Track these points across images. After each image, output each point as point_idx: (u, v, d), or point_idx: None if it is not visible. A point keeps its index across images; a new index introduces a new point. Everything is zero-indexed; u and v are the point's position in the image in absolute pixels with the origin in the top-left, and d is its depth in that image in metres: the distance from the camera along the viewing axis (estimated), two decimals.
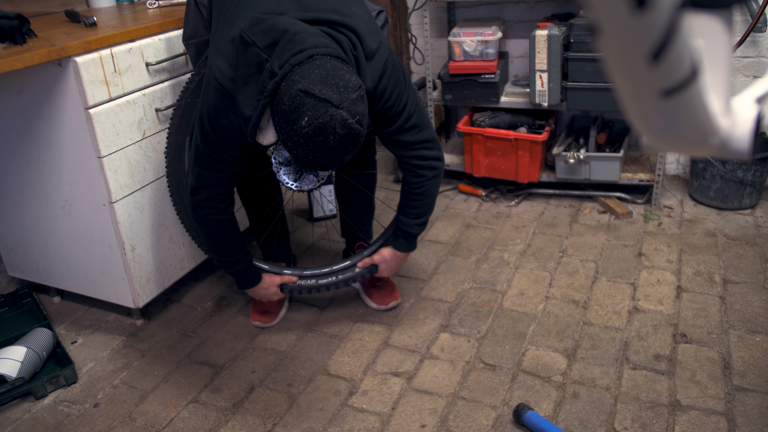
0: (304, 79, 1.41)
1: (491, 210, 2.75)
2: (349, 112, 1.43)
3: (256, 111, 1.48)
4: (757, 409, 1.62)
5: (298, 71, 1.42)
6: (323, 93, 1.40)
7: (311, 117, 1.41)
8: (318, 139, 1.43)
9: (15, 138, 1.96)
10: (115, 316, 2.20)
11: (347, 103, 1.43)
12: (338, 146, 1.45)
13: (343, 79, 1.44)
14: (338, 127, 1.42)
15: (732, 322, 1.94)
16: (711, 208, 2.61)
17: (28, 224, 2.12)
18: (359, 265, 2.00)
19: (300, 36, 1.46)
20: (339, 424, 1.68)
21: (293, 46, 1.45)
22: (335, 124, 1.42)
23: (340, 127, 1.42)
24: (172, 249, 2.15)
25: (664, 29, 0.56)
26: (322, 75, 1.42)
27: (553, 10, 2.79)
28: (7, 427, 1.74)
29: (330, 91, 1.41)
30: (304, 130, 1.42)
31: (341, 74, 1.44)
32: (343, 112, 1.42)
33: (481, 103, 2.75)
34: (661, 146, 0.77)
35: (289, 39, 1.46)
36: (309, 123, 1.41)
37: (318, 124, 1.41)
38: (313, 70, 1.42)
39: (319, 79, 1.41)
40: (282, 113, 1.44)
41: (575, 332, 1.95)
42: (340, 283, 2.01)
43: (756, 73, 2.61)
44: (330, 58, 1.46)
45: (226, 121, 1.57)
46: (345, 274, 2.01)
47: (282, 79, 1.44)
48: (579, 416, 1.64)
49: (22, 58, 1.60)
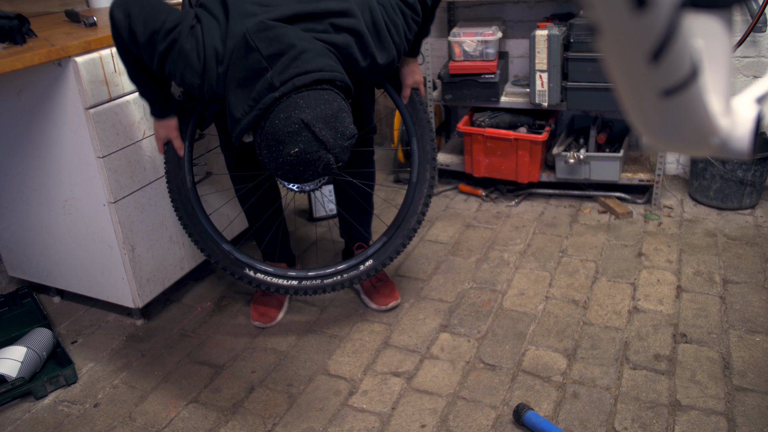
0: (309, 110, 1.42)
1: (491, 210, 2.75)
2: (336, 157, 1.46)
3: (247, 118, 1.47)
4: (757, 409, 1.62)
5: (305, 96, 1.42)
6: (322, 134, 1.42)
7: (301, 150, 1.42)
8: (297, 168, 1.45)
9: (15, 138, 1.96)
10: (115, 316, 2.20)
11: (339, 149, 1.46)
12: (309, 178, 1.49)
13: (342, 125, 1.46)
14: (321, 167, 1.45)
15: (732, 322, 1.94)
16: (711, 208, 2.61)
17: (28, 224, 2.12)
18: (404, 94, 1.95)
19: (306, 55, 1.46)
20: (339, 424, 1.68)
21: (298, 65, 1.44)
22: (320, 164, 1.45)
23: (322, 168, 1.46)
24: (172, 249, 2.15)
25: (664, 29, 0.56)
26: (327, 114, 1.43)
27: (553, 10, 2.79)
28: (7, 427, 1.75)
29: (329, 134, 1.43)
30: (289, 157, 1.43)
31: (343, 118, 1.46)
32: (332, 157, 1.45)
33: (481, 103, 2.75)
34: (661, 146, 0.77)
35: (294, 56, 1.45)
36: (297, 154, 1.43)
37: (305, 159, 1.43)
38: (320, 104, 1.43)
39: (323, 117, 1.42)
40: (273, 128, 1.43)
41: (575, 332, 1.95)
42: (345, 282, 1.98)
43: (756, 73, 2.61)
44: (337, 95, 1.47)
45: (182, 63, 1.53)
46: (350, 273, 1.98)
47: (282, 97, 1.43)
48: (579, 416, 1.64)
49: (22, 58, 1.60)
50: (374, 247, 1.97)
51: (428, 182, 1.95)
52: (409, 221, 1.95)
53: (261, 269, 1.95)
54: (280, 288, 1.95)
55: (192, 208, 1.93)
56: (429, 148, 1.95)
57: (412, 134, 1.95)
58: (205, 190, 2.21)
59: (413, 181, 1.96)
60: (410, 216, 1.95)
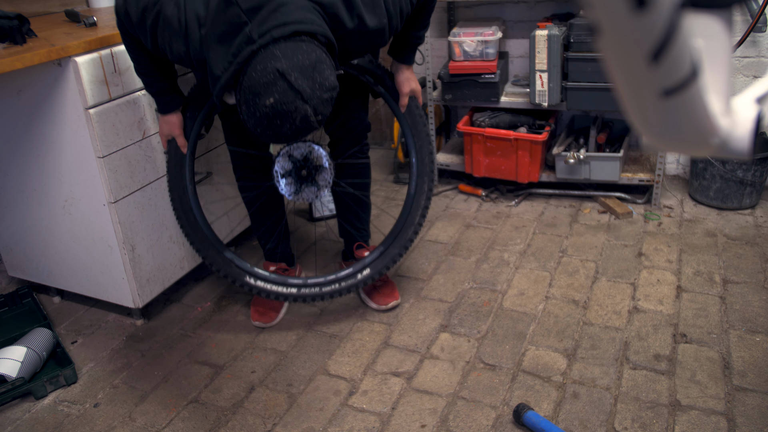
0: (285, 59, 1.38)
1: (491, 210, 2.75)
2: (314, 109, 1.41)
3: (226, 74, 1.45)
4: (757, 409, 1.62)
5: (282, 47, 1.39)
6: (298, 83, 1.38)
7: (277, 101, 1.38)
8: (274, 122, 1.41)
9: (15, 138, 1.96)
10: (115, 316, 2.20)
11: (317, 101, 1.41)
12: (290, 134, 1.44)
13: (322, 75, 1.41)
14: (299, 120, 1.41)
15: (732, 322, 1.94)
16: (711, 208, 2.61)
17: (28, 224, 2.12)
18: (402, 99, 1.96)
19: (286, 8, 1.42)
20: (339, 424, 1.68)
21: (277, 17, 1.40)
22: (297, 117, 1.40)
23: (300, 121, 1.41)
24: (172, 249, 2.15)
25: (664, 29, 0.56)
26: (304, 64, 1.39)
27: (553, 10, 2.79)
28: (7, 427, 1.74)
29: (305, 84, 1.38)
30: (265, 109, 1.39)
31: (322, 69, 1.42)
32: (309, 108, 1.40)
33: (481, 103, 2.75)
34: (661, 146, 0.77)
35: (274, 8, 1.41)
36: (272, 105, 1.39)
37: (280, 110, 1.39)
38: (297, 54, 1.39)
39: (299, 66, 1.38)
40: (250, 81, 1.40)
41: (575, 332, 1.95)
42: (344, 290, 2.02)
43: (756, 73, 2.61)
44: (317, 47, 1.42)
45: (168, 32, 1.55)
46: (348, 281, 2.03)
47: (259, 49, 1.40)
48: (579, 416, 1.64)
49: (22, 58, 1.60)
50: (372, 256, 2.03)
51: (426, 194, 2.01)
52: (407, 232, 2.01)
53: (262, 277, 1.99)
54: (280, 295, 2.01)
55: (194, 217, 1.97)
56: (427, 161, 2.00)
57: (411, 147, 2.00)
58: (206, 191, 2.21)
59: (411, 193, 2.01)
60: (407, 227, 2.01)
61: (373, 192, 3.00)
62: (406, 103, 1.95)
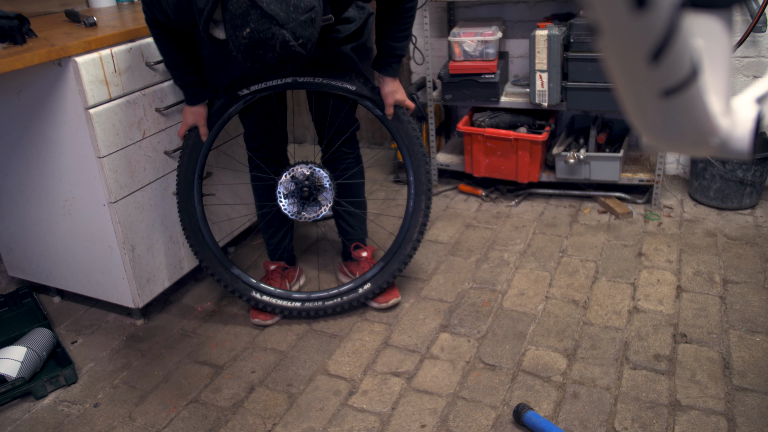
0: None
1: (491, 210, 2.75)
2: (293, 33, 1.41)
3: (208, 6, 1.48)
4: (757, 409, 1.62)
5: None
6: (270, 8, 1.38)
7: (253, 30, 1.39)
8: (257, 52, 1.42)
9: (15, 138, 1.96)
10: (115, 316, 2.20)
11: (294, 24, 1.41)
12: (276, 63, 1.45)
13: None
14: (278, 46, 1.41)
15: (732, 322, 1.94)
16: (711, 208, 2.61)
17: (28, 224, 2.12)
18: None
19: None
20: (339, 424, 1.68)
21: None
22: (275, 43, 1.41)
23: (280, 47, 1.41)
24: (172, 249, 2.15)
25: (664, 29, 0.56)
26: None
27: (553, 10, 2.79)
28: (7, 427, 1.74)
29: (278, 8, 1.39)
30: (244, 40, 1.41)
31: None
32: (287, 33, 1.40)
33: (481, 103, 2.75)
34: (661, 146, 0.77)
35: None
36: (250, 35, 1.40)
37: (258, 38, 1.40)
38: None
39: None
40: (229, 15, 1.42)
41: (575, 332, 1.95)
42: (345, 304, 2.08)
43: (756, 73, 2.61)
44: None
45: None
46: (349, 295, 2.09)
47: None
48: (579, 416, 1.64)
49: (22, 58, 1.60)
50: (372, 271, 2.10)
51: (423, 211, 2.08)
52: (405, 248, 2.09)
53: (267, 291, 2.08)
54: (284, 309, 2.08)
55: (202, 235, 2.04)
56: (424, 180, 2.06)
57: (408, 167, 2.06)
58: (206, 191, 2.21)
59: (409, 210, 2.09)
60: (406, 243, 2.09)
61: (374, 192, 3.01)
62: (392, 112, 2.00)
